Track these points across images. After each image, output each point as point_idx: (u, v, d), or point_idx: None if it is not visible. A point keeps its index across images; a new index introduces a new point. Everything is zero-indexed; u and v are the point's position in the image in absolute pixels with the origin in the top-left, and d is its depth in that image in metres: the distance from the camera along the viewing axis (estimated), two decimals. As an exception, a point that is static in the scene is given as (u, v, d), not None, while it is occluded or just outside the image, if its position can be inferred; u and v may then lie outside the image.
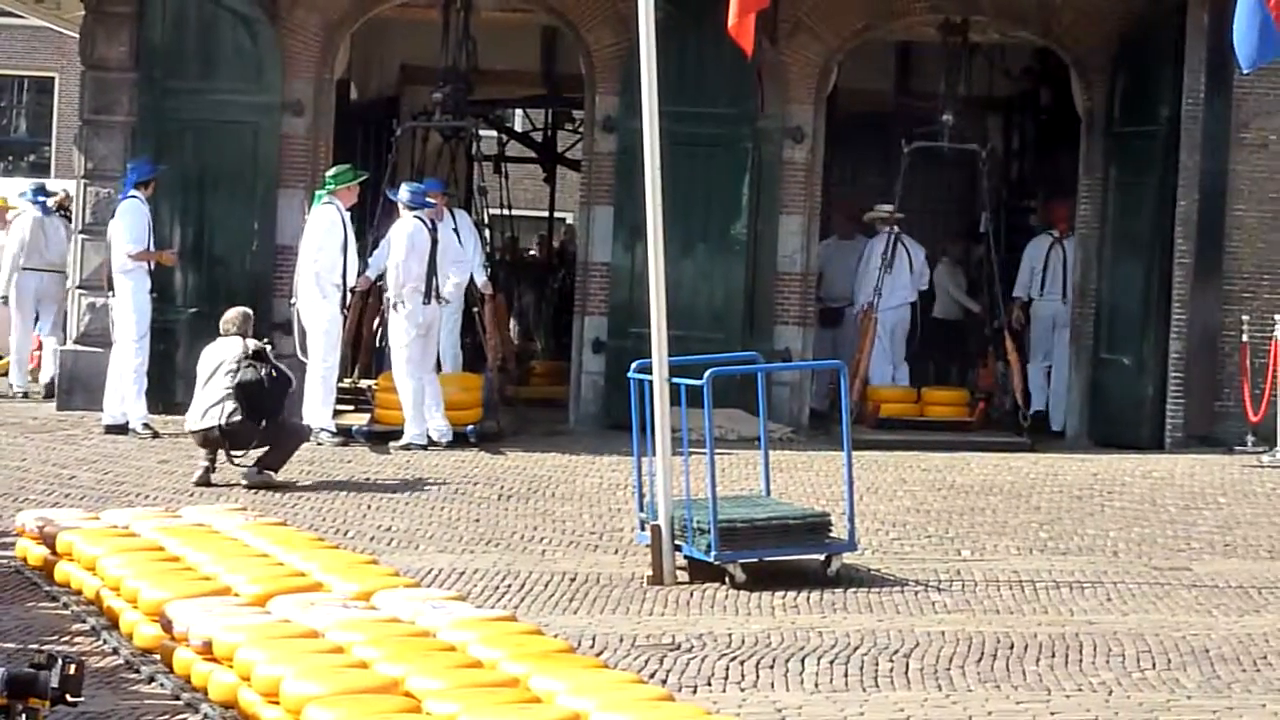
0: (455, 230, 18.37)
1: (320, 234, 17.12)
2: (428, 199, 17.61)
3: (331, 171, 17.55)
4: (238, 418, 14.58)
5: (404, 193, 17.58)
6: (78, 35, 20.01)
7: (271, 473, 14.74)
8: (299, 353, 17.12)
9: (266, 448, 14.79)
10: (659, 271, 11.81)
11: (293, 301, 17.34)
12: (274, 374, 14.77)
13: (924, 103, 20.87)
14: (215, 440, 14.77)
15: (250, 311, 15.46)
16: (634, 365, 12.35)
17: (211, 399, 14.73)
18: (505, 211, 25.06)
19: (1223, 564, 12.79)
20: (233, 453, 14.77)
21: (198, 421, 14.84)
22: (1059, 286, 20.06)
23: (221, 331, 15.17)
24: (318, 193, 17.49)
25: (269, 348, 15.14)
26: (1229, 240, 18.56)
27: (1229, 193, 18.47)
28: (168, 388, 18.17)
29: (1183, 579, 12.21)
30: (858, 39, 19.80)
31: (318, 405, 17.11)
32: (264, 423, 14.65)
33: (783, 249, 19.24)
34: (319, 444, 16.73)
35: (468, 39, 19.46)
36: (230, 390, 14.60)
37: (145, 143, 18.80)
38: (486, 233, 20.84)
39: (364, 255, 18.04)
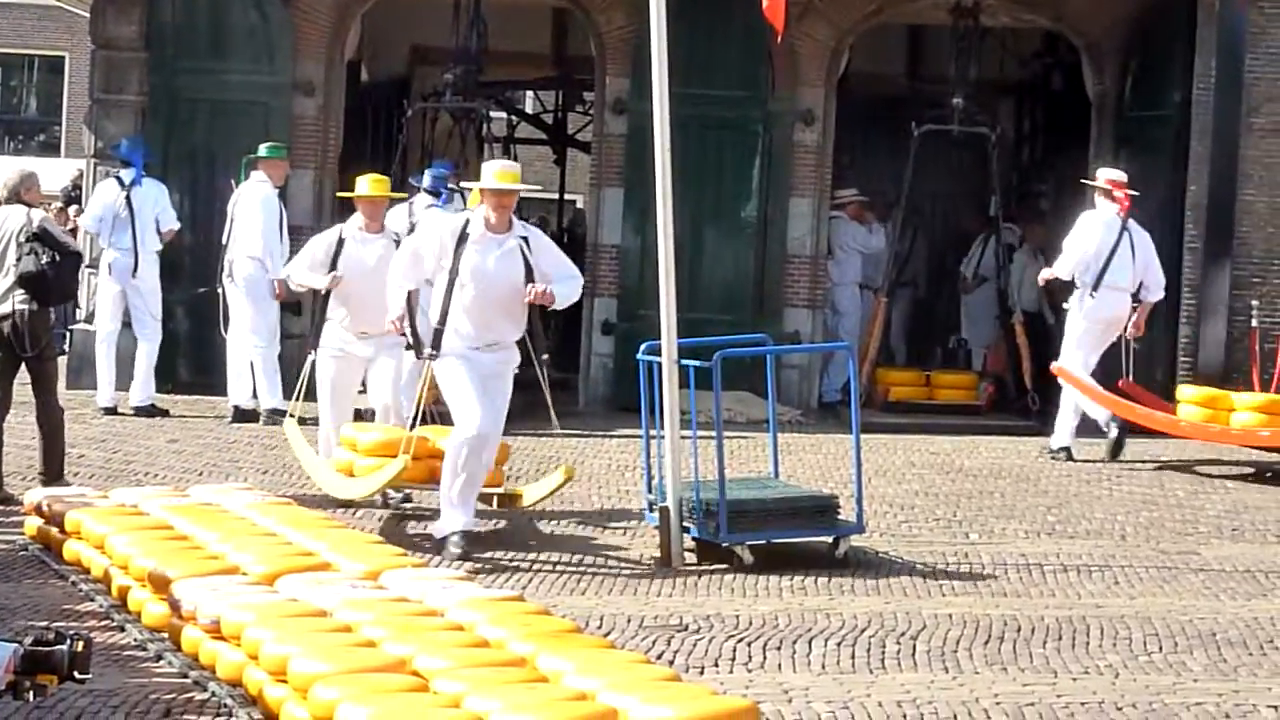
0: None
1: (261, 211, 16.92)
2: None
3: (265, 146, 17.34)
4: (30, 307, 13.01)
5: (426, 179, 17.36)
6: (88, 14, 20.01)
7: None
8: (223, 329, 16.86)
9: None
10: (668, 253, 11.79)
11: (229, 276, 16.90)
12: (57, 257, 13.00)
13: (934, 86, 20.86)
14: (7, 338, 13.12)
15: (34, 171, 13.88)
16: (643, 347, 12.34)
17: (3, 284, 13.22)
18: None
19: (1230, 548, 12.79)
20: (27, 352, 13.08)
21: None
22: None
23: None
24: (245, 160, 17.23)
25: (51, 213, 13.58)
26: (1239, 225, 18.53)
27: (1239, 178, 18.44)
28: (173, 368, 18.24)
29: (1190, 563, 12.21)
30: (869, 22, 19.79)
31: (265, 388, 16.88)
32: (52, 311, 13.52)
33: (793, 231, 19.26)
34: (274, 424, 16.48)
35: (479, 20, 19.44)
36: (14, 279, 12.98)
37: (156, 122, 18.82)
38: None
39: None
